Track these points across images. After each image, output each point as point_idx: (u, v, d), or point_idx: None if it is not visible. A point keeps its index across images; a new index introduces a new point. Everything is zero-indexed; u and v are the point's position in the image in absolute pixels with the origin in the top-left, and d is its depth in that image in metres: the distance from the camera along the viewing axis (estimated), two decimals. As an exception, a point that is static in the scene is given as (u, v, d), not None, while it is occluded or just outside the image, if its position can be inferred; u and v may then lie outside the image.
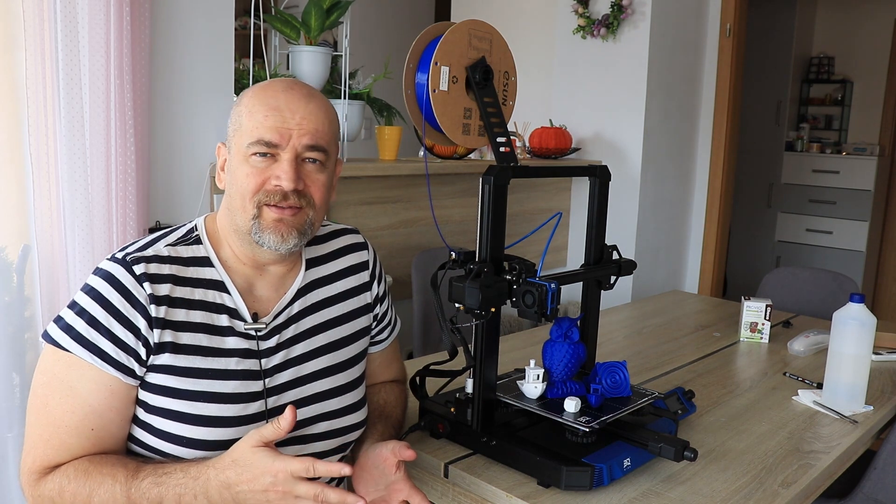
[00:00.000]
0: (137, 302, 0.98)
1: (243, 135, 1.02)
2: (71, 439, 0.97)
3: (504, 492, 1.12)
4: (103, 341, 0.96)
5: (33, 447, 0.98)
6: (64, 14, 1.57)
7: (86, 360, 0.96)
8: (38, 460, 0.97)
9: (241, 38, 2.15)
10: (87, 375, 0.96)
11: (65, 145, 1.61)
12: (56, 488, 0.96)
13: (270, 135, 1.01)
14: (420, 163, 2.51)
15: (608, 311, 2.32)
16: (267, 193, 1.02)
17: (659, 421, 1.27)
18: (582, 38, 3.26)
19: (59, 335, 0.97)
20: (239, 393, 1.02)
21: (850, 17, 5.21)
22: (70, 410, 0.96)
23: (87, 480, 0.94)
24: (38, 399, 0.98)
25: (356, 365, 1.17)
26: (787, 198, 5.22)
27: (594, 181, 1.36)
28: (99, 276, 1.00)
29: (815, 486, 1.23)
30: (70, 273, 1.65)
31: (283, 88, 1.04)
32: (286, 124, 1.01)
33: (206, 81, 1.92)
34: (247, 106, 1.03)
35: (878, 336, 1.67)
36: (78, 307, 0.98)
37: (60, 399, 0.97)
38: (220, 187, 1.09)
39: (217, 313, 1.03)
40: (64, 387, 0.97)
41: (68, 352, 0.96)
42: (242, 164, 1.02)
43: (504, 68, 1.35)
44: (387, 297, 1.27)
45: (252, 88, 1.06)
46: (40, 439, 0.97)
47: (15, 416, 1.70)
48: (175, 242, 1.05)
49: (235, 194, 1.03)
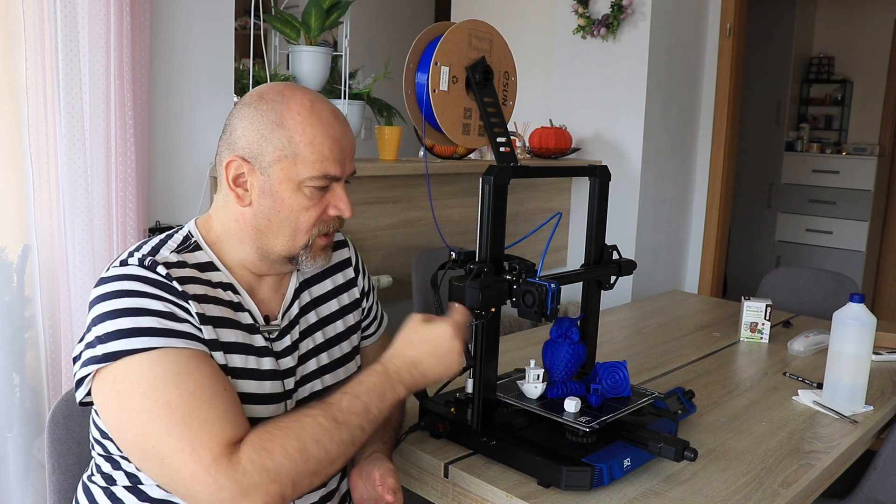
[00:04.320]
0: (179, 294, 0.94)
1: (301, 164, 0.99)
2: (217, 408, 0.89)
3: (504, 492, 1.11)
4: (181, 325, 0.92)
5: (195, 442, 0.86)
6: (64, 14, 1.57)
7: (177, 347, 0.90)
8: (214, 444, 0.86)
9: (241, 38, 2.15)
10: (184, 357, 0.90)
11: (65, 145, 1.60)
12: (258, 455, 0.87)
13: (336, 169, 1.01)
14: (420, 163, 2.51)
15: (608, 311, 2.32)
16: (325, 224, 1.04)
17: (659, 421, 1.27)
18: (582, 38, 3.26)
19: (130, 342, 0.88)
20: (268, 394, 1.02)
21: (850, 17, 5.21)
22: (197, 387, 0.89)
23: (286, 432, 0.90)
24: (153, 408, 0.87)
25: (352, 360, 1.19)
26: (787, 198, 5.22)
27: (594, 181, 1.36)
28: (125, 280, 0.93)
29: (815, 486, 1.23)
30: (70, 273, 1.65)
31: (333, 116, 1.02)
32: (344, 154, 1.02)
33: (206, 81, 1.92)
34: (302, 133, 0.98)
35: (878, 336, 1.67)
36: (125, 310, 0.90)
37: (178, 389, 0.88)
38: (240, 207, 1.02)
39: (240, 311, 1.03)
40: (171, 378, 0.88)
41: (152, 349, 0.89)
42: (295, 193, 1.00)
43: (504, 68, 1.35)
44: (372, 292, 1.28)
45: (293, 108, 0.99)
46: (193, 430, 0.86)
47: (15, 416, 1.70)
48: (178, 249, 1.02)
49: (282, 223, 1.01)
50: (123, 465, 1.00)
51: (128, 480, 1.00)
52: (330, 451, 0.92)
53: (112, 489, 1.01)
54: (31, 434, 1.72)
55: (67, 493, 1.16)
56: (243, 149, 1.00)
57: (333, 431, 0.93)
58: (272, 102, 1.00)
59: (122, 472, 1.00)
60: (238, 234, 1.04)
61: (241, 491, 0.85)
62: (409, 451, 1.25)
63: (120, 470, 1.00)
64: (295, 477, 0.89)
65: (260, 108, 1.00)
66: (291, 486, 0.89)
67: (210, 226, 1.07)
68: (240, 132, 1.00)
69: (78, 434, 1.17)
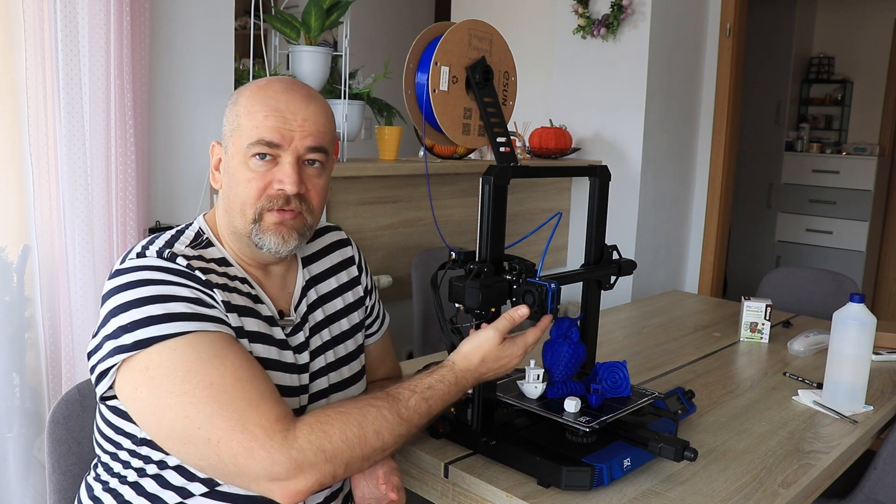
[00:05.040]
0: (204, 282, 0.94)
1: (242, 135, 1.00)
2: (261, 387, 0.89)
3: (504, 492, 1.11)
4: (211, 311, 0.92)
5: (245, 421, 0.86)
6: (64, 14, 1.57)
7: (210, 331, 0.90)
8: (266, 420, 0.87)
9: (241, 38, 2.15)
10: (219, 340, 0.90)
11: (65, 145, 1.60)
12: (315, 436, 0.88)
13: (272, 135, 0.99)
14: (420, 163, 2.51)
15: (608, 311, 2.32)
16: (269, 199, 1.01)
17: (659, 421, 1.27)
18: (582, 38, 3.26)
19: (162, 328, 0.88)
20: (287, 386, 1.02)
21: (850, 17, 5.21)
22: (237, 368, 0.89)
23: (346, 418, 0.91)
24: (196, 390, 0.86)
25: (357, 358, 1.20)
26: (787, 198, 5.22)
27: (594, 181, 1.36)
28: (145, 270, 0.93)
29: (815, 486, 1.23)
30: (70, 273, 1.65)
31: (283, 89, 1.02)
32: (288, 126, 1.00)
33: (206, 81, 1.92)
34: (245, 106, 1.01)
35: (878, 336, 1.67)
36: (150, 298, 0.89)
37: (219, 369, 0.88)
38: (215, 187, 1.07)
39: (259, 303, 1.03)
40: (211, 359, 0.88)
41: (186, 333, 0.88)
42: (241, 166, 1.01)
43: (504, 68, 1.35)
44: (374, 290, 1.29)
45: (249, 87, 1.03)
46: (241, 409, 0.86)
47: (15, 416, 1.70)
48: (193, 245, 1.03)
49: (234, 197, 1.02)
50: (133, 464, 1.00)
51: (137, 476, 1.00)
52: (387, 442, 0.95)
53: (119, 489, 1.01)
54: (31, 434, 1.72)
55: (67, 493, 1.16)
56: (220, 135, 1.05)
57: (395, 426, 0.95)
58: (242, 88, 1.05)
59: (132, 470, 1.00)
60: (226, 225, 1.05)
61: (294, 467, 0.87)
62: (409, 450, 1.25)
63: (130, 468, 1.00)
64: (349, 461, 0.91)
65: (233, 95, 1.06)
66: (344, 468, 0.91)
67: (215, 221, 1.09)
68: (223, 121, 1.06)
69: (78, 434, 1.17)
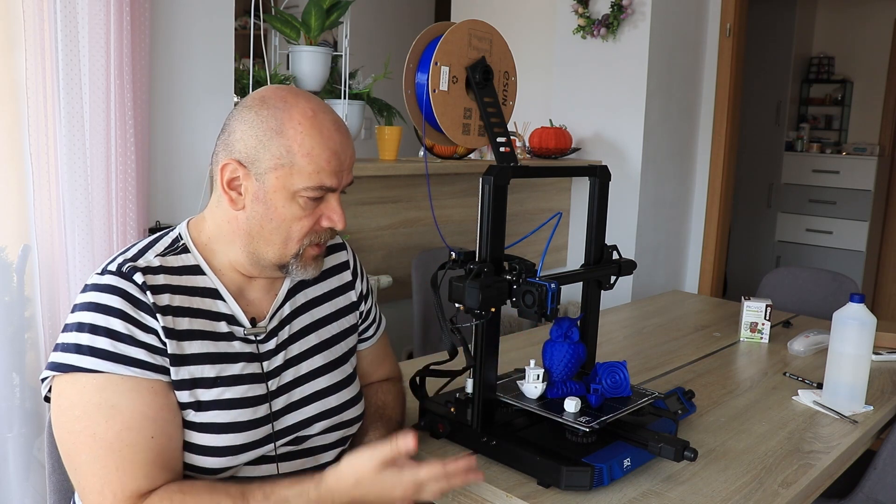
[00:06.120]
0: (148, 308, 0.96)
1: (297, 174, 0.97)
2: (137, 456, 0.92)
3: (504, 492, 1.11)
4: (134, 350, 0.93)
5: (105, 483, 0.91)
6: (64, 14, 1.57)
7: (122, 375, 0.92)
8: (120, 492, 0.91)
9: (241, 38, 2.15)
10: (126, 388, 0.92)
11: (65, 145, 1.60)
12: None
13: (331, 180, 0.99)
14: (420, 163, 2.51)
15: (608, 311, 2.32)
16: (317, 234, 1.03)
17: (659, 421, 1.27)
18: (582, 38, 3.26)
19: (81, 360, 0.92)
20: (248, 397, 1.02)
21: (850, 17, 5.21)
22: (124, 428, 0.92)
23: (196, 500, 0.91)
24: (81, 434, 0.92)
25: (347, 362, 1.18)
26: (787, 198, 5.22)
27: (594, 181, 1.36)
28: (100, 291, 0.96)
29: (815, 486, 1.23)
30: (70, 273, 1.65)
31: (334, 127, 1.00)
32: (342, 167, 1.01)
33: (205, 81, 1.92)
34: (300, 142, 0.97)
35: (878, 336, 1.67)
36: (88, 326, 0.93)
37: (107, 423, 0.91)
38: (232, 209, 1.01)
39: (216, 321, 1.03)
40: (105, 409, 0.91)
41: (98, 372, 0.92)
42: (289, 203, 0.99)
43: (504, 68, 1.35)
44: (371, 295, 1.28)
45: (293, 116, 0.98)
46: (107, 471, 0.91)
47: (15, 416, 1.70)
48: (164, 252, 1.03)
49: (273, 231, 1.01)
50: None
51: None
52: None
53: None
54: (31, 434, 1.72)
55: (67, 493, 1.16)
56: (240, 152, 0.99)
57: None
58: (274, 108, 0.98)
59: None
60: (230, 236, 1.04)
61: None
62: (409, 451, 1.25)
63: None
64: None
65: (261, 114, 0.98)
66: None
67: (202, 227, 1.07)
68: (238, 135, 0.99)
69: (78, 434, 1.16)
